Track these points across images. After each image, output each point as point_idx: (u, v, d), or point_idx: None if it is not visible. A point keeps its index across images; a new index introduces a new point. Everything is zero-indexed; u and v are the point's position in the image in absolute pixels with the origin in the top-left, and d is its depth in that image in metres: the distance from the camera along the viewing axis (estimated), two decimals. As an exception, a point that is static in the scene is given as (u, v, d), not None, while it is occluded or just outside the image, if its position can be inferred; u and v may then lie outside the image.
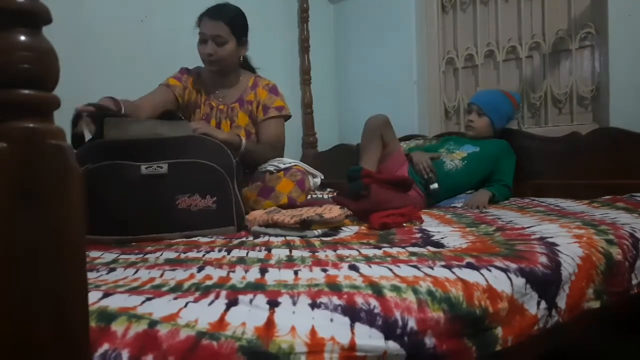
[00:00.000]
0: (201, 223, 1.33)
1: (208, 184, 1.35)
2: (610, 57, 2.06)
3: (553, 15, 2.34)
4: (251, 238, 1.28)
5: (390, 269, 0.81)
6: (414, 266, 0.83)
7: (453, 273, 0.79)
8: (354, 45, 3.01)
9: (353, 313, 0.63)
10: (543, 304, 0.86)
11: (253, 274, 0.81)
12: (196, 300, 0.64)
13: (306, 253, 1.01)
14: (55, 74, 0.44)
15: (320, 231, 1.28)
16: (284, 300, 0.64)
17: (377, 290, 0.69)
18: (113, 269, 0.91)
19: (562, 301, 0.91)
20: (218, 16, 1.78)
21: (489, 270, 0.82)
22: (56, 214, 0.41)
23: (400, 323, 0.65)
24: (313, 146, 2.95)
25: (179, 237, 1.30)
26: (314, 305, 0.64)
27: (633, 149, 1.83)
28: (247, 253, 1.03)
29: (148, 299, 0.64)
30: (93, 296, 0.64)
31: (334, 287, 0.70)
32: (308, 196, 1.69)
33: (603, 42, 2.13)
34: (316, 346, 0.58)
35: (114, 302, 0.62)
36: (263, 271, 0.83)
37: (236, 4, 1.88)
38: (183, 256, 1.03)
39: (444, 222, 1.45)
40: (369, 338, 0.62)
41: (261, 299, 0.64)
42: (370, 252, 0.99)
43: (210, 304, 0.63)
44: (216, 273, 0.83)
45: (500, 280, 0.81)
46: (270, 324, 0.58)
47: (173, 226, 1.31)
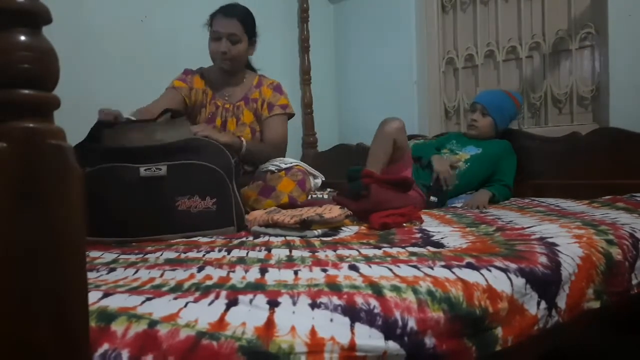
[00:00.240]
0: (201, 224, 1.33)
1: (207, 186, 1.35)
2: (610, 57, 2.06)
3: (553, 15, 2.34)
4: (251, 238, 1.28)
5: (390, 269, 0.81)
6: (414, 266, 0.83)
7: (453, 273, 0.79)
8: (354, 45, 3.01)
9: (353, 313, 0.63)
10: (543, 304, 0.86)
11: (253, 274, 0.81)
12: (196, 300, 0.64)
13: (306, 253, 1.01)
14: (55, 74, 0.44)
15: (320, 231, 1.28)
16: (284, 300, 0.64)
17: (377, 290, 0.69)
18: (113, 269, 0.91)
19: (562, 301, 0.91)
20: (232, 14, 1.79)
21: (489, 270, 0.82)
22: (56, 214, 0.41)
23: (400, 323, 0.65)
24: (313, 146, 2.95)
25: (179, 238, 1.30)
26: (314, 305, 0.64)
27: (633, 149, 1.83)
28: (247, 253, 1.03)
29: (148, 299, 0.64)
30: (93, 296, 0.64)
31: (334, 287, 0.70)
32: (308, 196, 1.70)
33: (603, 42, 2.13)
34: (316, 346, 0.58)
35: (114, 302, 0.62)
36: (263, 271, 0.83)
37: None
38: (183, 256, 1.03)
39: (444, 222, 1.45)
40: (369, 338, 0.62)
41: (261, 299, 0.64)
42: (370, 252, 0.99)
43: (210, 304, 0.63)
44: (216, 273, 0.83)
45: (500, 280, 0.81)
46: (270, 324, 0.58)
47: (173, 228, 1.31)
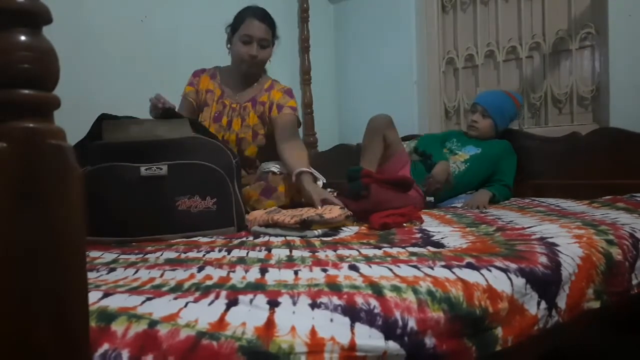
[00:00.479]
0: (201, 224, 1.33)
1: (208, 185, 1.35)
2: (610, 57, 2.06)
3: (553, 15, 2.34)
4: (251, 238, 1.28)
5: (390, 269, 0.81)
6: (414, 266, 0.83)
7: (453, 273, 0.79)
8: (354, 45, 3.01)
9: (353, 313, 0.63)
10: (543, 304, 0.86)
11: (253, 274, 0.81)
12: (196, 300, 0.64)
13: (306, 253, 1.01)
14: (55, 74, 0.44)
15: (320, 231, 1.28)
16: (284, 300, 0.64)
17: (377, 290, 0.69)
18: (113, 269, 0.91)
19: (562, 301, 0.91)
20: (265, 19, 1.80)
21: (489, 270, 0.82)
22: (56, 214, 0.41)
23: (400, 323, 0.65)
24: (313, 146, 2.95)
25: (180, 238, 1.30)
26: (314, 305, 0.64)
27: (633, 149, 1.83)
28: (247, 253, 1.03)
29: (148, 299, 0.64)
30: (93, 296, 0.64)
31: (334, 287, 0.70)
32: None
33: (603, 42, 2.13)
34: (316, 346, 0.58)
35: (114, 302, 0.62)
36: (263, 271, 0.83)
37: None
38: (183, 256, 1.03)
39: (444, 222, 1.45)
40: (369, 338, 0.62)
41: (261, 299, 0.64)
42: (370, 252, 0.99)
43: (210, 304, 0.63)
44: (216, 273, 0.83)
45: (500, 280, 0.81)
46: (270, 324, 0.58)
47: (173, 227, 1.31)
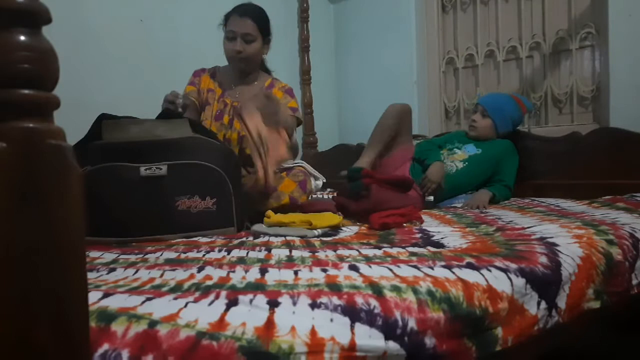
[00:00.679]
0: (201, 224, 1.33)
1: (208, 186, 1.34)
2: (610, 57, 2.06)
3: (553, 15, 2.35)
4: (251, 238, 1.28)
5: (390, 269, 0.81)
6: (414, 266, 0.83)
7: (453, 273, 0.79)
8: (354, 45, 3.01)
9: (353, 313, 0.63)
10: (543, 304, 0.86)
11: (253, 274, 0.81)
12: (196, 300, 0.64)
13: (306, 253, 1.01)
14: (55, 74, 0.44)
15: (320, 231, 1.28)
16: (284, 300, 0.64)
17: (377, 290, 0.69)
18: (113, 269, 0.91)
19: (562, 301, 0.91)
20: (247, 14, 1.81)
21: (489, 270, 0.82)
22: (56, 214, 0.41)
23: (400, 323, 0.65)
24: (313, 146, 2.95)
25: (179, 238, 1.30)
26: (314, 305, 0.63)
27: (633, 149, 1.83)
28: (247, 253, 1.03)
29: (148, 299, 0.64)
30: (93, 296, 0.64)
31: (334, 287, 0.70)
32: (309, 197, 1.70)
33: (603, 42, 2.13)
34: (316, 346, 0.58)
35: (114, 302, 0.62)
36: (263, 271, 0.83)
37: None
38: (183, 256, 1.03)
39: (444, 222, 1.45)
40: (369, 338, 0.62)
41: (261, 299, 0.64)
42: (370, 252, 0.99)
43: (210, 304, 0.63)
44: (216, 273, 0.83)
45: (500, 280, 0.81)
46: (270, 324, 0.58)
47: (173, 227, 1.31)
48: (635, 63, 1.98)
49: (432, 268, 0.82)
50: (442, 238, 1.14)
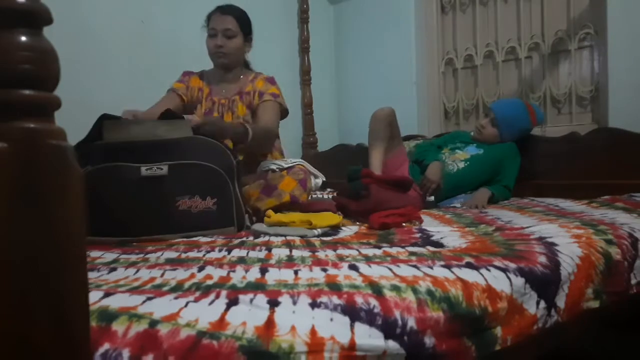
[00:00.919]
0: (201, 224, 1.33)
1: (208, 186, 1.35)
2: (609, 58, 2.07)
3: (552, 15, 2.35)
4: (251, 238, 1.28)
5: (390, 269, 0.81)
6: (414, 266, 0.83)
7: (452, 273, 0.79)
8: (354, 45, 3.01)
9: (353, 312, 0.63)
10: (542, 304, 0.86)
11: (253, 274, 0.81)
12: (197, 299, 0.65)
13: (306, 253, 1.01)
14: (55, 74, 0.44)
15: (320, 231, 1.29)
16: (284, 299, 0.64)
17: (377, 289, 0.69)
18: (114, 269, 0.91)
19: (562, 301, 0.91)
20: (227, 11, 1.88)
21: (488, 270, 0.82)
22: (56, 214, 0.41)
23: (400, 323, 0.65)
24: (313, 146, 2.95)
25: (180, 238, 1.30)
26: (314, 304, 0.64)
27: (632, 149, 1.84)
28: (248, 253, 1.03)
29: (149, 299, 0.64)
30: (94, 296, 0.64)
31: (334, 287, 0.70)
32: (309, 196, 1.70)
33: (602, 43, 2.13)
34: (316, 345, 0.58)
35: (115, 302, 0.63)
36: (263, 271, 0.83)
37: (237, 5, 1.90)
38: (184, 256, 1.03)
39: (444, 222, 1.45)
40: (369, 337, 0.62)
41: (261, 299, 0.64)
42: (370, 252, 0.99)
43: (210, 304, 0.63)
44: (217, 273, 0.83)
45: (499, 280, 0.81)
46: (270, 324, 0.58)
47: (173, 228, 1.31)
48: (634, 63, 1.98)
49: (432, 268, 0.82)
50: (442, 238, 1.14)
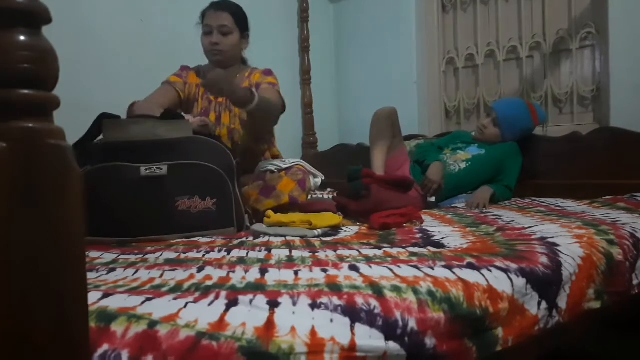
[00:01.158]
0: (201, 225, 1.33)
1: (208, 186, 1.34)
2: (610, 57, 2.06)
3: (554, 15, 2.34)
4: (251, 238, 1.28)
5: (390, 269, 0.81)
6: (415, 266, 0.83)
7: (453, 273, 0.79)
8: (354, 45, 3.01)
9: (353, 313, 0.63)
10: (544, 304, 0.86)
11: (253, 274, 0.81)
12: (196, 300, 0.64)
13: (306, 253, 1.01)
14: (55, 74, 0.44)
15: (320, 231, 1.28)
16: (284, 300, 0.64)
17: (378, 290, 0.69)
18: (113, 269, 0.91)
19: (563, 301, 0.91)
20: (222, 8, 1.82)
21: (490, 270, 0.82)
22: (56, 214, 0.41)
23: (400, 323, 0.65)
24: (313, 146, 2.95)
25: (179, 238, 1.30)
26: (314, 305, 0.63)
27: (634, 149, 1.83)
28: (247, 253, 1.03)
29: (148, 299, 0.64)
30: (93, 296, 0.64)
31: (334, 288, 0.70)
32: (309, 196, 1.70)
33: (604, 42, 2.13)
34: (316, 346, 0.58)
35: (114, 303, 0.62)
36: (263, 271, 0.83)
37: (235, 2, 1.89)
38: (183, 256, 1.03)
39: (445, 222, 1.45)
40: (369, 338, 0.61)
41: (261, 299, 0.64)
42: (370, 253, 0.99)
43: (210, 304, 0.63)
44: (216, 273, 0.83)
45: (500, 280, 0.81)
46: (270, 325, 0.58)
47: (173, 228, 1.31)
48: (635, 63, 1.98)
49: (433, 268, 0.82)
50: (443, 238, 1.14)
